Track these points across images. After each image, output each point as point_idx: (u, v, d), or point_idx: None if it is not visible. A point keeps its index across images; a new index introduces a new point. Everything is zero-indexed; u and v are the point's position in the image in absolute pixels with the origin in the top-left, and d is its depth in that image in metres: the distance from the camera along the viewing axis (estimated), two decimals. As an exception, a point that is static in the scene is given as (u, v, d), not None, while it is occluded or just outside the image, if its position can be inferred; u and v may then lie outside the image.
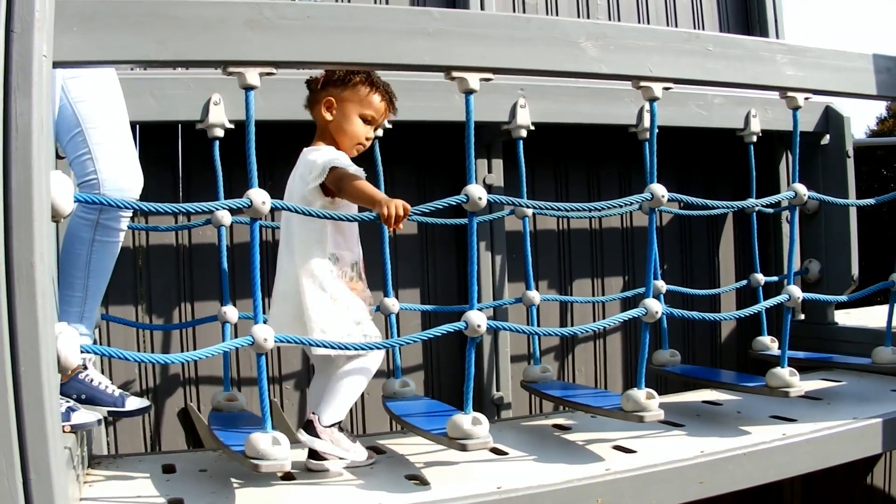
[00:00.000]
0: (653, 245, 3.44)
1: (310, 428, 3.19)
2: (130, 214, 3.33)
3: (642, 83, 3.33)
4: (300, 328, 3.12)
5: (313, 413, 3.22)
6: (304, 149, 3.32)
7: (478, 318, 3.01)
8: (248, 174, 2.84)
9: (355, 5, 3.13)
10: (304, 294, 3.13)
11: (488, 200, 3.05)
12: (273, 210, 2.89)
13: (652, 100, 3.36)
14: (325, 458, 3.18)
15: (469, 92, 3.03)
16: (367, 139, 3.34)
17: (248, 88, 2.81)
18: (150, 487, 3.09)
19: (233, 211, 3.44)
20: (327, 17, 2.85)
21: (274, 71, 2.83)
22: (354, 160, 3.25)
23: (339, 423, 3.24)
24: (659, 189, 3.31)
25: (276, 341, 2.85)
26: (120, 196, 3.04)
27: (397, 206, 2.94)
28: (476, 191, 2.98)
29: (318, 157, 3.17)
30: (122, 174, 3.16)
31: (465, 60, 3.01)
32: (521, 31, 3.12)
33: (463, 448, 3.03)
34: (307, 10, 2.84)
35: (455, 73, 3.01)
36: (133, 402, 3.26)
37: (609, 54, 3.24)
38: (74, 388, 3.13)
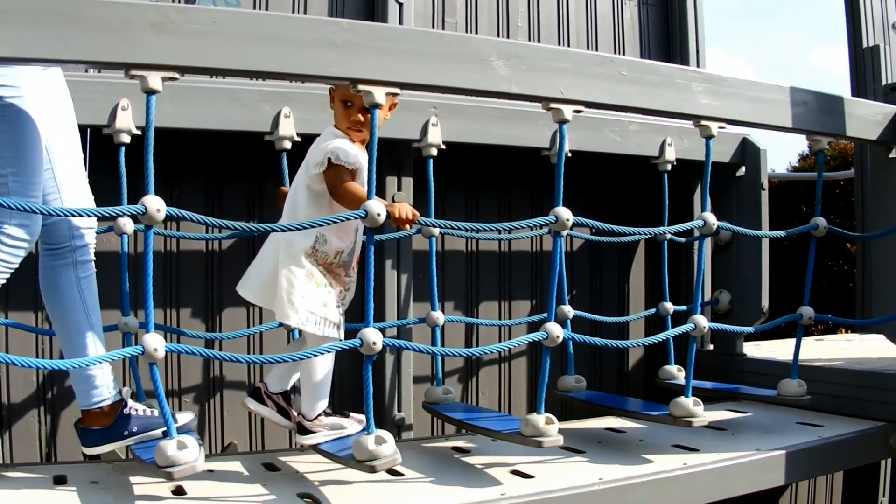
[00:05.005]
0: (555, 269, 3.41)
1: (302, 430, 3.32)
2: (95, 243, 3.36)
3: (553, 105, 3.32)
4: (269, 293, 3.23)
5: (297, 414, 3.35)
6: (329, 127, 3.33)
7: (373, 336, 2.98)
8: (145, 180, 2.77)
9: (262, 13, 3.10)
10: (281, 262, 3.17)
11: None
12: (169, 219, 2.84)
13: (562, 122, 3.35)
14: (313, 431, 3.30)
15: (374, 106, 2.99)
16: (355, 121, 3.24)
17: (150, 93, 2.74)
18: (38, 499, 3.02)
19: (136, 218, 3.37)
20: (234, 24, 2.81)
21: (177, 76, 2.77)
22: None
23: (324, 410, 3.36)
24: (564, 212, 3.29)
25: (167, 350, 2.81)
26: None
27: (401, 209, 3.06)
28: (375, 206, 2.95)
29: (327, 145, 3.18)
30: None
31: (371, 73, 2.98)
32: (432, 47, 3.10)
33: (372, 469, 3.01)
34: (214, 16, 2.79)
35: (361, 86, 2.96)
36: (183, 417, 3.42)
37: (520, 74, 3.23)
38: (125, 426, 3.26)
